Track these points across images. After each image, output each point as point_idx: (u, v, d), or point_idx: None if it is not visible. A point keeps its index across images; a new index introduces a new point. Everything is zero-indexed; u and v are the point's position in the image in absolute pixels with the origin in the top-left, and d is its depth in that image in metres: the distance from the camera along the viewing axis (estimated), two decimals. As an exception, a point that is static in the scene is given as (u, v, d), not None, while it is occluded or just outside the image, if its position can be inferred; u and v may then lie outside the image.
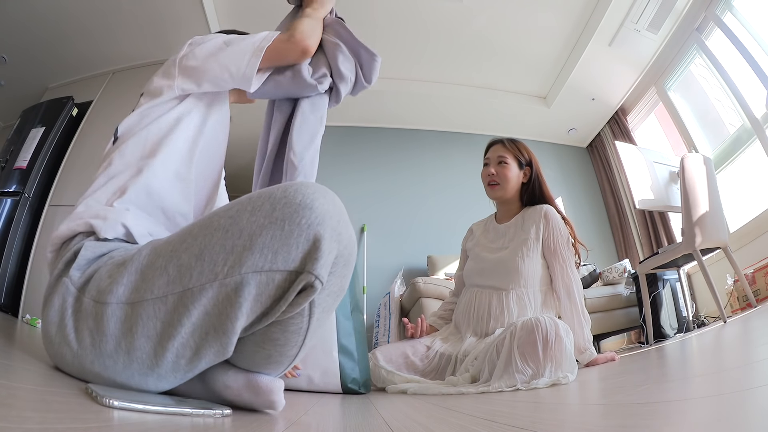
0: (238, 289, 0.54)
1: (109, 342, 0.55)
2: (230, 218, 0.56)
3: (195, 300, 0.55)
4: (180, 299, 0.55)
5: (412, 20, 3.15)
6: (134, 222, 0.70)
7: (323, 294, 0.59)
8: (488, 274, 1.58)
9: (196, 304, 0.55)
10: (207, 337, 0.56)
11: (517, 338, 1.15)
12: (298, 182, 0.59)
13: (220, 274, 0.54)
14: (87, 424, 0.39)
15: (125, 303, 0.56)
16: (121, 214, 0.70)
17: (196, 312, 0.55)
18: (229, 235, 0.55)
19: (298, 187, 0.57)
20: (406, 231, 3.72)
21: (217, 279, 0.54)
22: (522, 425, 0.53)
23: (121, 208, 0.71)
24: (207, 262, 0.55)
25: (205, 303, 0.55)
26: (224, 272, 0.54)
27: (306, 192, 0.56)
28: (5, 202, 2.71)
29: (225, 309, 0.55)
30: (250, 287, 0.54)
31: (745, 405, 0.46)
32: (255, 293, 0.55)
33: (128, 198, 0.73)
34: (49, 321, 0.59)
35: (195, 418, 0.53)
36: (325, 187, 0.60)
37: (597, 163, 4.24)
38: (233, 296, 0.54)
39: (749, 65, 2.62)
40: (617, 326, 2.75)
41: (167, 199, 0.77)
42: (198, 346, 0.56)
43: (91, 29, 2.94)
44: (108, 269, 0.60)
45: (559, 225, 1.58)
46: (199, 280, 0.55)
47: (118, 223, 0.68)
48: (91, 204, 0.72)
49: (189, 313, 0.55)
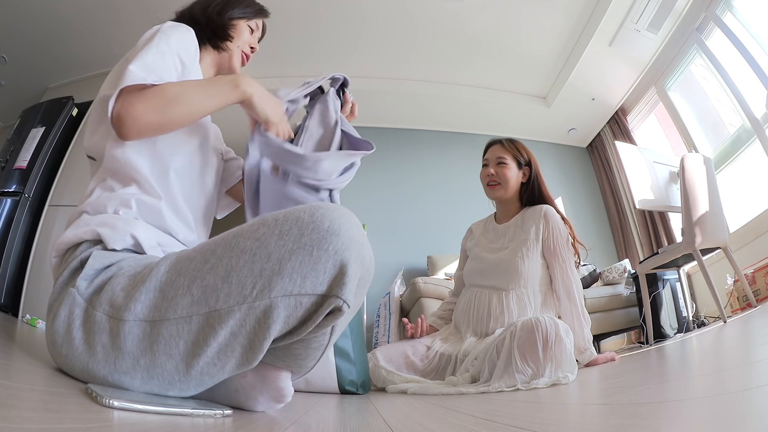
0: (268, 312, 0.55)
1: (127, 359, 0.55)
2: (257, 240, 0.57)
3: (222, 321, 0.55)
4: (206, 320, 0.55)
5: (413, 20, 3.15)
6: (143, 233, 0.69)
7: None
8: (488, 274, 1.58)
9: (223, 326, 0.55)
10: (234, 355, 0.56)
11: (517, 338, 1.15)
12: (324, 206, 0.59)
13: (249, 297, 0.55)
14: (87, 424, 0.39)
15: (144, 321, 0.56)
16: (129, 224, 0.69)
17: (222, 333, 0.55)
18: (257, 258, 0.56)
19: (324, 212, 0.58)
20: (406, 231, 3.72)
21: (246, 302, 0.55)
22: (522, 425, 0.53)
23: (129, 217, 0.70)
24: (235, 284, 0.55)
25: (233, 324, 0.55)
26: (253, 295, 0.55)
27: (333, 218, 0.58)
28: (5, 202, 2.71)
29: (254, 330, 0.56)
30: (279, 310, 0.55)
31: (745, 405, 0.46)
32: (284, 315, 0.56)
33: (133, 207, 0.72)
34: (55, 330, 0.59)
35: (195, 419, 0.53)
36: (348, 210, 0.62)
37: (597, 163, 4.24)
38: (262, 319, 0.55)
39: (749, 65, 2.62)
40: (617, 326, 2.75)
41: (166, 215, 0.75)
42: (224, 363, 0.57)
43: (91, 29, 2.95)
44: (121, 283, 0.59)
45: (559, 225, 1.58)
46: (226, 302, 0.55)
47: (127, 233, 0.67)
48: (97, 209, 0.71)
49: (216, 334, 0.55)
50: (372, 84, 3.61)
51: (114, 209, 0.70)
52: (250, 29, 1.00)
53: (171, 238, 0.76)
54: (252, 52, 1.02)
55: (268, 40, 1.10)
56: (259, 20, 1.03)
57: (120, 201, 0.71)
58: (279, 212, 0.60)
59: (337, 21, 3.13)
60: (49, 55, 3.15)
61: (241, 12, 0.97)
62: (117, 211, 0.70)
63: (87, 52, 3.13)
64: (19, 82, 3.35)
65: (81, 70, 3.30)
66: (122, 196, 0.72)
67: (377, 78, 3.63)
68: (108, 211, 0.70)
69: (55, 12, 2.80)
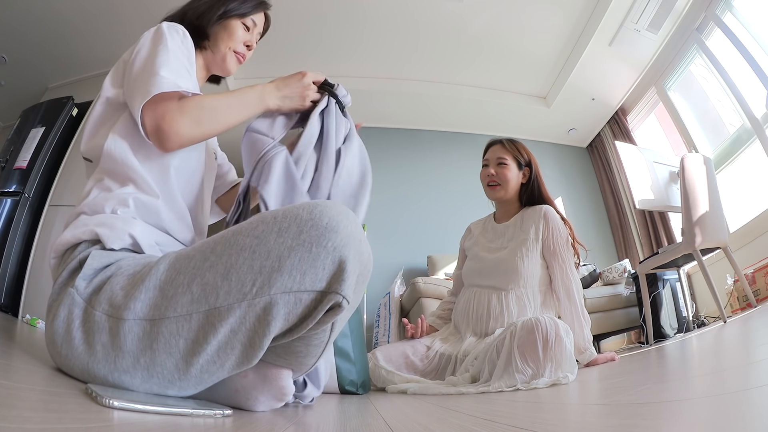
0: (267, 309, 0.55)
1: (126, 358, 0.55)
2: (256, 238, 0.57)
3: (222, 319, 0.55)
4: (206, 318, 0.55)
5: (413, 20, 3.15)
6: (141, 232, 0.69)
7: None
8: (487, 274, 1.58)
9: (223, 323, 0.55)
10: (234, 352, 0.56)
11: (517, 338, 1.15)
12: (322, 203, 0.60)
13: (248, 294, 0.55)
14: (87, 424, 0.39)
15: (143, 319, 0.56)
16: (127, 224, 0.69)
17: (222, 330, 0.55)
18: (256, 255, 0.56)
19: (323, 210, 0.58)
20: (406, 231, 3.72)
21: (246, 299, 0.55)
22: (522, 425, 0.53)
23: (127, 216, 0.70)
24: (234, 282, 0.56)
25: (233, 322, 0.55)
26: (253, 293, 0.55)
27: (331, 215, 0.58)
28: (5, 202, 2.71)
29: (254, 327, 0.56)
30: (279, 307, 0.56)
31: (745, 405, 0.46)
32: (284, 312, 0.56)
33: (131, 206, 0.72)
34: (54, 331, 0.59)
35: (195, 419, 0.53)
36: (346, 207, 0.62)
37: (597, 163, 4.24)
38: (262, 315, 0.55)
39: (749, 65, 2.62)
40: (617, 326, 2.75)
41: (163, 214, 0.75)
42: (224, 361, 0.57)
43: (91, 29, 2.95)
44: (120, 282, 0.59)
45: (559, 225, 1.58)
46: (226, 299, 0.55)
47: (125, 233, 0.67)
48: (95, 209, 0.71)
49: (216, 332, 0.55)
50: (374, 84, 3.62)
51: (112, 209, 0.70)
52: (244, 27, 0.95)
53: (169, 237, 0.76)
54: (249, 50, 0.98)
55: (270, 40, 1.06)
56: (257, 15, 0.97)
57: (118, 200, 0.71)
58: (278, 210, 0.60)
59: (340, 21, 3.13)
60: (49, 55, 3.15)
61: (234, 10, 0.93)
62: (115, 210, 0.70)
63: (87, 51, 3.13)
64: (19, 82, 3.35)
65: (81, 70, 3.30)
66: (120, 195, 0.72)
67: (379, 78, 3.63)
68: (106, 210, 0.70)
69: (55, 12, 2.80)
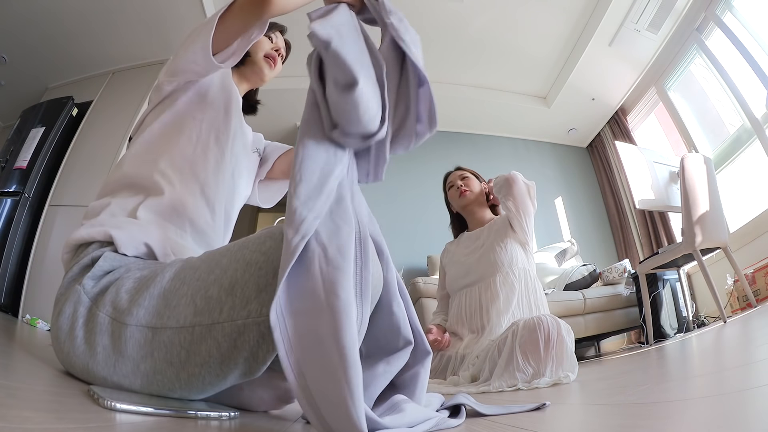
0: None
1: (127, 363, 0.55)
2: (263, 254, 0.56)
3: (225, 334, 0.54)
4: (209, 331, 0.54)
5: (413, 20, 3.12)
6: (158, 241, 0.69)
7: None
8: (472, 271, 1.64)
9: (226, 338, 0.54)
10: (237, 367, 0.55)
11: (519, 336, 1.16)
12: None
13: (253, 312, 0.54)
14: (87, 424, 0.39)
15: (145, 326, 0.55)
16: (144, 231, 0.69)
17: (225, 344, 0.54)
18: (262, 273, 0.55)
19: None
20: (406, 231, 3.72)
21: (251, 317, 0.54)
22: (522, 425, 0.53)
23: (145, 221, 0.70)
24: (239, 297, 0.54)
25: (236, 338, 0.54)
26: (258, 311, 0.54)
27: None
28: (5, 202, 2.71)
29: (258, 344, 0.54)
30: None
31: (745, 405, 0.46)
32: None
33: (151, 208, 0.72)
34: (59, 327, 0.59)
35: (200, 421, 0.53)
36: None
37: (597, 163, 4.24)
38: (267, 333, 0.54)
39: (749, 65, 2.62)
40: (617, 326, 2.75)
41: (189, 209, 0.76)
42: (226, 374, 0.55)
43: (91, 29, 2.94)
44: (126, 286, 0.59)
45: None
46: (230, 315, 0.54)
47: (140, 242, 0.67)
48: (114, 210, 0.71)
49: (218, 345, 0.54)
50: (372, 84, 3.61)
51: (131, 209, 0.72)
52: (267, 38, 1.02)
53: (186, 242, 0.75)
54: (278, 55, 1.04)
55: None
56: (273, 33, 1.04)
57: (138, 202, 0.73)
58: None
59: (338, 21, 3.12)
60: (49, 55, 3.15)
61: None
62: (134, 213, 0.71)
63: (87, 52, 3.12)
64: (19, 82, 3.34)
65: (81, 70, 3.29)
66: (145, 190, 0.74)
67: (378, 78, 3.62)
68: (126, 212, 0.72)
69: (55, 12, 2.79)
